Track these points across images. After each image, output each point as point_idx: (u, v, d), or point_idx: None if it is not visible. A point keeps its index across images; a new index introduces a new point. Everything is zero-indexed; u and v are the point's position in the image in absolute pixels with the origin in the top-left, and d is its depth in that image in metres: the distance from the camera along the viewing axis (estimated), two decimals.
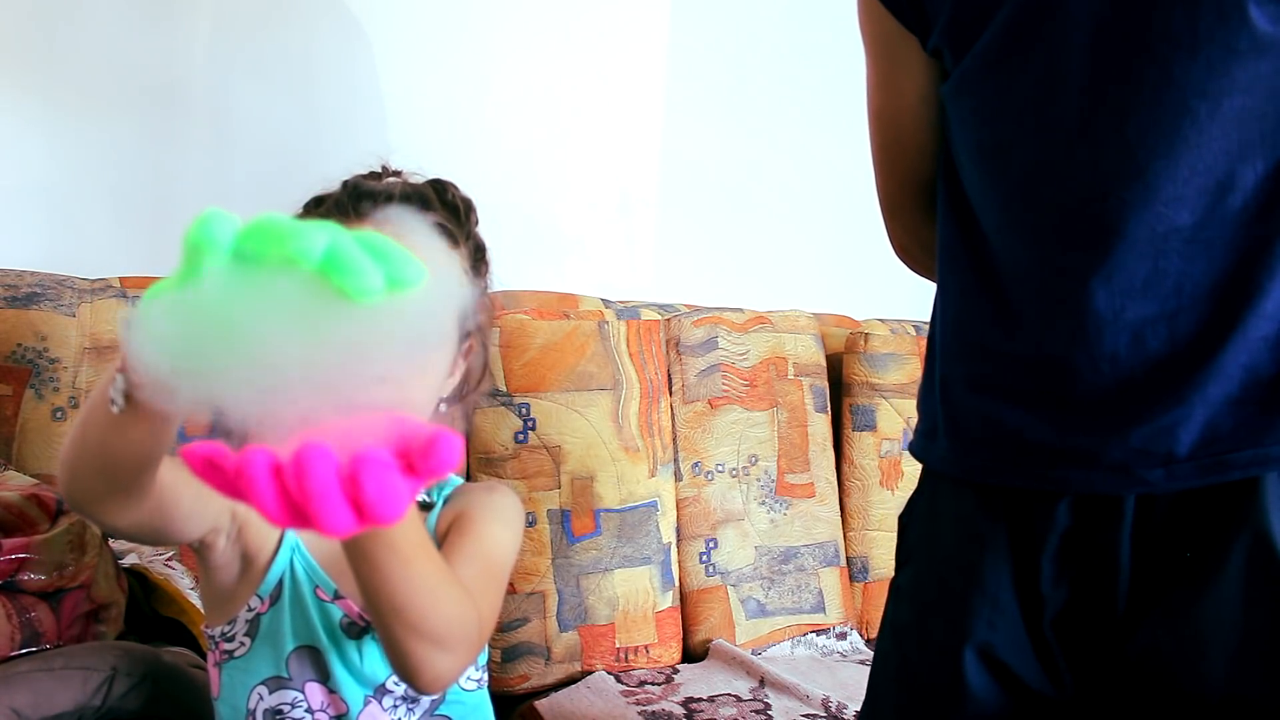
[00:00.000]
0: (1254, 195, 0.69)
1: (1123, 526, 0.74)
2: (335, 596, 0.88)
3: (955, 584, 0.81)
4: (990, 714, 0.79)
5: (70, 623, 1.02)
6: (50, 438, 1.26)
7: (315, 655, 0.88)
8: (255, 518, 0.86)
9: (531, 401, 1.48)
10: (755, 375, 1.70)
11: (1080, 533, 0.76)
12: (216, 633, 0.90)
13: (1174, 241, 0.70)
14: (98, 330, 1.30)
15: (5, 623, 0.97)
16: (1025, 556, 0.79)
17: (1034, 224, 0.76)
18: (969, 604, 0.80)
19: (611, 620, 1.50)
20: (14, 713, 0.91)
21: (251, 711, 0.88)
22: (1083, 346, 0.74)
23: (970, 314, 0.82)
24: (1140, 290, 0.72)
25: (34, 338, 1.26)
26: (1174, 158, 0.69)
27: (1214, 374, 0.71)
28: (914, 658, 0.85)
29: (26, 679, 0.94)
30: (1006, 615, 0.79)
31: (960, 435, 0.83)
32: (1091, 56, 0.71)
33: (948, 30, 0.79)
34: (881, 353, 1.81)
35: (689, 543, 1.61)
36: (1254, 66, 0.67)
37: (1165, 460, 0.73)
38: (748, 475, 1.67)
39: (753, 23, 2.04)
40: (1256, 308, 0.70)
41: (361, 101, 1.66)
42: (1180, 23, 0.68)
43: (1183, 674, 0.73)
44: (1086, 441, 0.75)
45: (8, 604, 0.98)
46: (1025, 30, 0.74)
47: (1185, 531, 0.73)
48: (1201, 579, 0.72)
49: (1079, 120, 0.72)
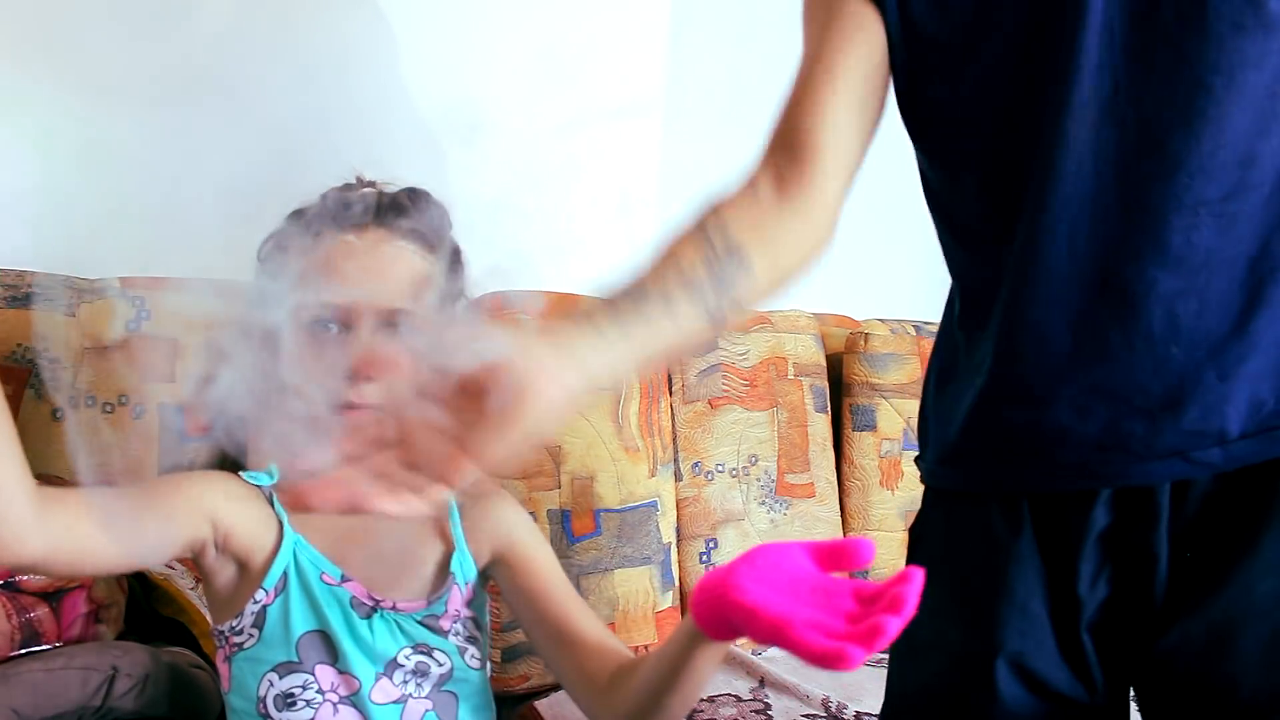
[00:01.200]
0: (1275, 170, 0.70)
1: (1160, 519, 0.74)
2: (342, 580, 0.92)
3: (981, 597, 0.80)
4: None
5: (70, 623, 1.02)
6: (50, 438, 1.26)
7: (325, 638, 0.91)
8: (241, 523, 0.89)
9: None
10: (755, 375, 1.70)
11: (1118, 531, 0.75)
12: (225, 628, 0.92)
13: (1203, 214, 0.70)
14: (98, 330, 1.30)
15: (5, 623, 0.97)
16: (1059, 562, 0.78)
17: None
18: (997, 615, 0.79)
19: (612, 620, 1.49)
20: (14, 713, 0.91)
21: (262, 698, 0.90)
22: (1118, 325, 0.73)
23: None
24: (1171, 263, 0.71)
25: (34, 338, 1.26)
26: (1194, 131, 0.69)
27: (1251, 348, 0.71)
28: (942, 672, 0.83)
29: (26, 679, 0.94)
30: (1037, 624, 0.78)
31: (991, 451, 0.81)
32: (1105, 36, 0.71)
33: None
34: (881, 353, 1.81)
35: (689, 543, 1.61)
36: (1263, 43, 0.68)
37: (1219, 439, 0.72)
38: (748, 475, 1.67)
39: (753, 23, 2.04)
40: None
41: (360, 102, 1.66)
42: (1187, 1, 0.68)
43: (1215, 663, 0.72)
44: (1140, 429, 0.73)
45: (8, 604, 0.98)
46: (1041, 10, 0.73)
47: (1221, 518, 0.73)
48: (1234, 566, 0.72)
49: (1097, 100, 0.71)
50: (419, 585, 0.96)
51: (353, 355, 0.90)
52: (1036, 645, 0.78)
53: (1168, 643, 0.74)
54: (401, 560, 0.96)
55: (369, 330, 0.91)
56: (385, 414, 0.66)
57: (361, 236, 0.95)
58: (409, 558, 0.96)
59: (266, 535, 0.91)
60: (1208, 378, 0.72)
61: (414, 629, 0.93)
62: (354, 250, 0.94)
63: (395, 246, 0.96)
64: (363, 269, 0.93)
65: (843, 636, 0.61)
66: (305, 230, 0.95)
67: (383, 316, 0.92)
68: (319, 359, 0.90)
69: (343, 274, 0.93)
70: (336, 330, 0.91)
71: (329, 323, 0.91)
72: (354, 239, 0.95)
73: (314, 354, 0.90)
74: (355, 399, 0.89)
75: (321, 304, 0.91)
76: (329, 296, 0.91)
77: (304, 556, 0.92)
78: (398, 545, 0.96)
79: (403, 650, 0.92)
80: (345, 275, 0.93)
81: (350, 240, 0.94)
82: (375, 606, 0.92)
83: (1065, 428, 0.76)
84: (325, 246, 0.94)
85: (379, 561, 0.94)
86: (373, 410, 0.89)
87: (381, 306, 0.92)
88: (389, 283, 0.93)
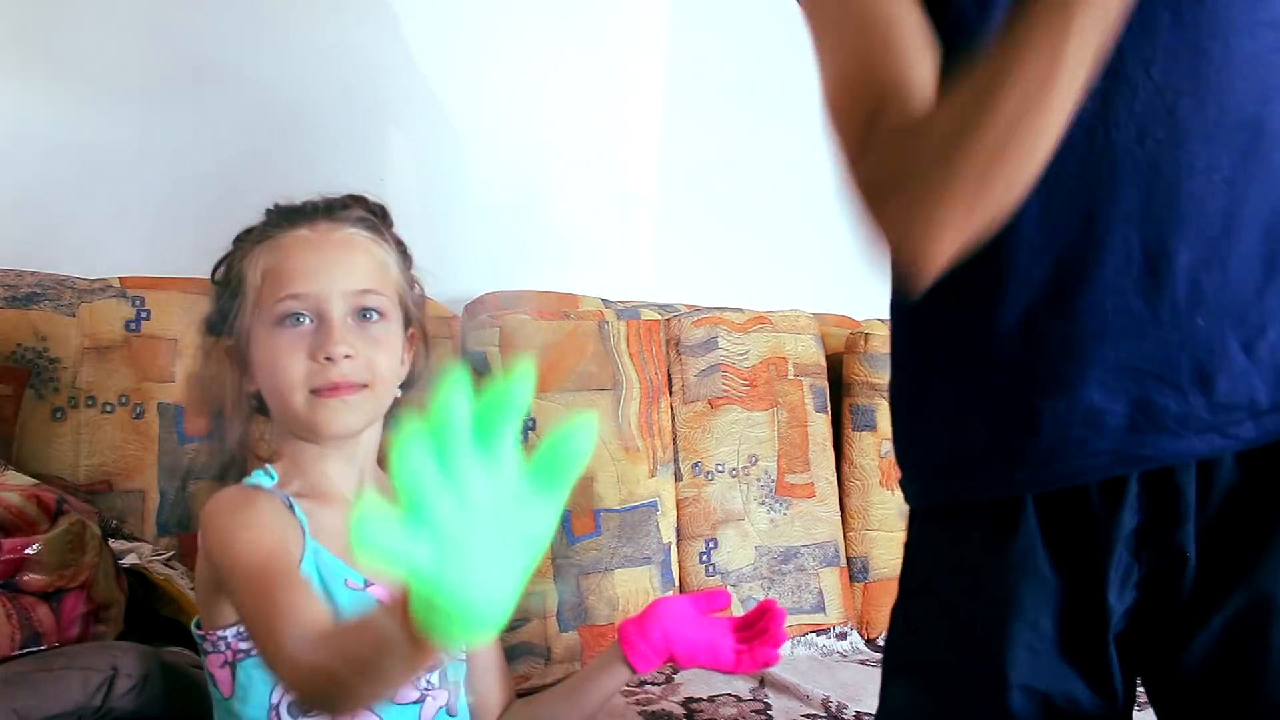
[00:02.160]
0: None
1: (1188, 515, 0.72)
2: (366, 584, 0.92)
3: (993, 615, 0.77)
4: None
5: (70, 623, 1.02)
6: (50, 438, 1.26)
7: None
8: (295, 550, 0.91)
9: (531, 401, 1.48)
10: (755, 375, 1.70)
11: (1147, 531, 0.74)
12: (229, 633, 0.90)
13: (1217, 180, 0.69)
14: (97, 330, 1.30)
15: (5, 623, 0.97)
16: (1081, 572, 0.75)
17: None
18: (1010, 634, 0.76)
19: (612, 620, 1.49)
20: (14, 713, 0.91)
21: (275, 706, 0.89)
22: (1143, 298, 0.71)
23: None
24: (1191, 233, 0.70)
25: (34, 338, 1.26)
26: (1200, 96, 0.69)
27: (1272, 315, 0.70)
28: (954, 695, 0.80)
29: (26, 679, 0.93)
30: (1050, 641, 0.76)
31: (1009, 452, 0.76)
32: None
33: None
34: (881, 353, 1.80)
35: (689, 543, 1.61)
36: (1253, 11, 0.68)
37: (1251, 411, 0.71)
38: (748, 475, 1.67)
39: (753, 22, 2.04)
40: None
41: (360, 102, 1.66)
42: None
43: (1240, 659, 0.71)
44: (1173, 404, 0.71)
45: (8, 604, 0.98)
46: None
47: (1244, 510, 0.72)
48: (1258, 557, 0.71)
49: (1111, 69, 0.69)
50: None
51: (321, 339, 0.92)
52: (1050, 664, 0.76)
53: (1194, 642, 0.73)
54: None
55: (341, 314, 0.93)
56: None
57: (314, 228, 0.97)
58: None
59: (297, 547, 0.91)
60: (1232, 347, 0.70)
61: None
62: (310, 241, 0.96)
63: (348, 234, 0.98)
64: (322, 258, 0.95)
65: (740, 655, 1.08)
66: (257, 238, 0.98)
67: (353, 299, 0.94)
68: (293, 349, 0.92)
69: (304, 266, 0.94)
70: (310, 321, 0.93)
71: (301, 315, 0.93)
72: (308, 231, 0.97)
73: (289, 345, 0.92)
74: (338, 379, 0.91)
75: (292, 297, 0.93)
76: (298, 288, 0.93)
77: (324, 563, 0.91)
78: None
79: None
80: (307, 267, 0.94)
81: (304, 233, 0.97)
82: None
83: (1098, 410, 0.73)
84: (280, 245, 0.96)
85: None
86: (356, 387, 0.92)
87: (350, 289, 0.94)
88: (351, 269, 0.95)
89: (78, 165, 1.47)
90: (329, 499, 0.95)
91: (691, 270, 1.98)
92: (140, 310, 1.33)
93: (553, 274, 1.78)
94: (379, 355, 0.94)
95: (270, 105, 1.59)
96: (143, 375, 1.32)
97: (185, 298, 1.34)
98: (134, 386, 1.31)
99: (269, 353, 0.93)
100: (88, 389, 1.28)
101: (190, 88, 1.53)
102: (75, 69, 1.46)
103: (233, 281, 0.97)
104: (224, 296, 0.98)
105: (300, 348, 0.92)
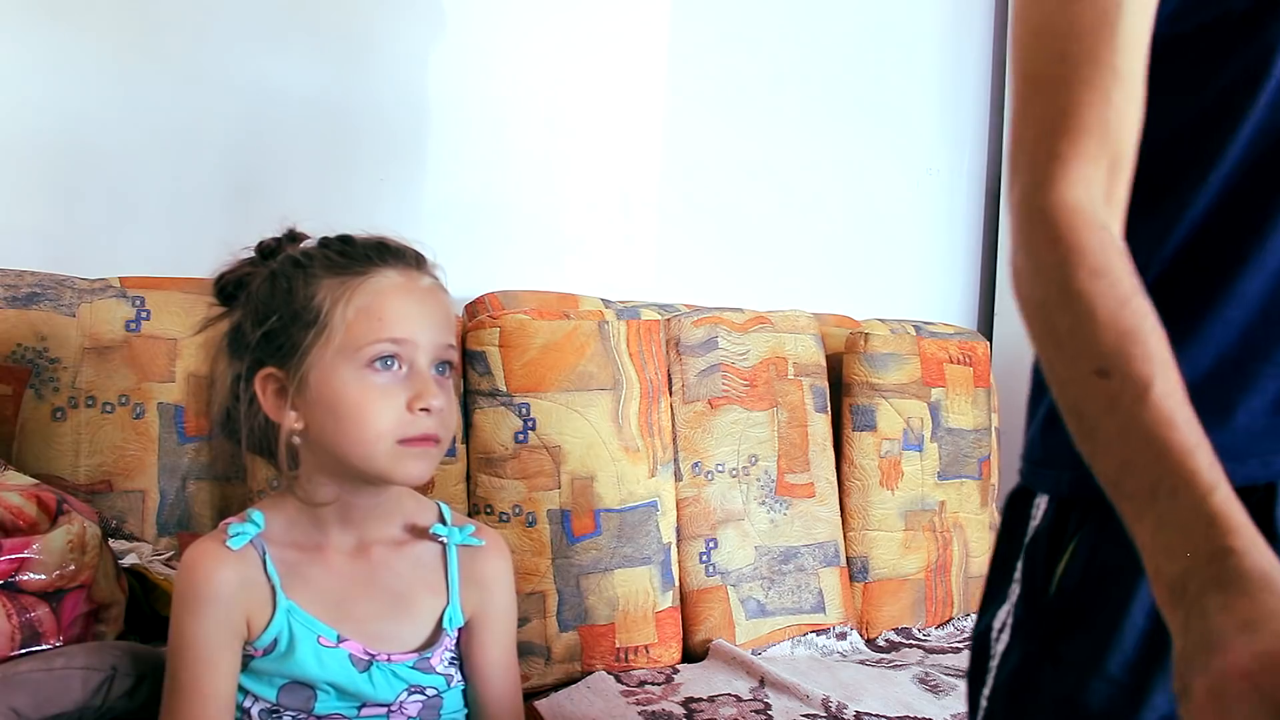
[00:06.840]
0: None
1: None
2: (339, 640, 0.94)
3: (1128, 633, 0.68)
4: None
5: (70, 623, 1.02)
6: (50, 438, 1.26)
7: (305, 689, 0.94)
8: (252, 620, 0.93)
9: (531, 401, 1.48)
10: (755, 375, 1.70)
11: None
12: None
13: None
14: (98, 330, 1.30)
15: (5, 623, 0.97)
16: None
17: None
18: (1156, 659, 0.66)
19: (611, 620, 1.50)
20: (14, 713, 0.91)
21: (247, 710, 0.95)
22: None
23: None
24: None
25: (34, 338, 1.26)
26: None
27: None
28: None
29: (26, 679, 0.94)
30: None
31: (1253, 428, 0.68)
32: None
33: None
34: (881, 353, 1.81)
35: (689, 543, 1.61)
36: None
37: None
38: (748, 475, 1.67)
39: (753, 22, 2.04)
40: None
41: (360, 103, 1.66)
42: None
43: None
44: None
45: (8, 604, 0.98)
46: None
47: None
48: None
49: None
50: (415, 639, 0.97)
51: (418, 389, 0.90)
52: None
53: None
54: (401, 615, 0.97)
55: (425, 364, 0.92)
56: None
57: (404, 274, 0.94)
58: (409, 612, 0.98)
59: (264, 611, 0.93)
60: None
61: (409, 674, 0.95)
62: (406, 287, 0.93)
63: (432, 283, 0.97)
64: (421, 307, 0.93)
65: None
66: (339, 272, 0.93)
67: (438, 350, 0.93)
68: (386, 395, 0.90)
69: (404, 312, 0.92)
70: (399, 368, 0.91)
71: (392, 360, 0.91)
72: (399, 276, 0.93)
73: (381, 390, 0.90)
74: (430, 431, 0.91)
75: (391, 341, 0.90)
76: (397, 333, 0.91)
77: (298, 623, 0.93)
78: (398, 601, 0.97)
79: (399, 695, 0.95)
80: (406, 313, 0.92)
81: (397, 278, 0.93)
82: (372, 660, 0.94)
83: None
84: (376, 287, 0.92)
85: (379, 617, 0.96)
86: (438, 440, 0.92)
87: (439, 340, 0.93)
88: (439, 321, 0.94)
89: (78, 165, 1.47)
90: (321, 551, 0.96)
91: (691, 270, 1.98)
92: (140, 310, 1.33)
93: (553, 274, 1.79)
94: (452, 409, 0.94)
95: (271, 105, 1.59)
96: (143, 375, 1.32)
97: (185, 298, 1.34)
98: (134, 386, 1.31)
99: (357, 395, 0.89)
100: (88, 389, 1.29)
101: (191, 87, 1.53)
102: (75, 69, 1.46)
103: (307, 313, 0.91)
104: (282, 323, 0.91)
105: (394, 395, 0.90)
